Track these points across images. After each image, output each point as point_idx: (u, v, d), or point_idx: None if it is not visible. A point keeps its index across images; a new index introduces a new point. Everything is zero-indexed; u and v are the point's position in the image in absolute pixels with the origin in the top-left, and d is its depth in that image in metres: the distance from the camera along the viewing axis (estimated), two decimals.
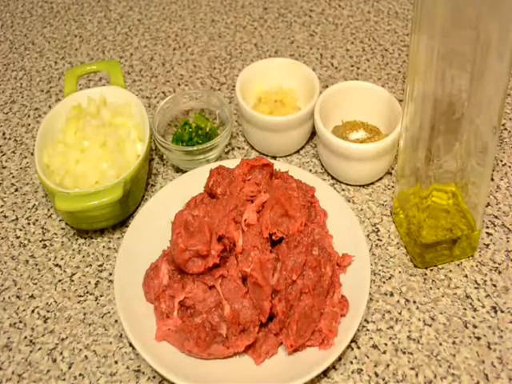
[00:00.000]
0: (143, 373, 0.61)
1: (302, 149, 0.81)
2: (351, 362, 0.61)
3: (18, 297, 0.68)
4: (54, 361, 0.63)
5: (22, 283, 0.69)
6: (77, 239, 0.73)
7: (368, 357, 0.62)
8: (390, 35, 0.97)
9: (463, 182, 0.63)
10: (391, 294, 0.66)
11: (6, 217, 0.76)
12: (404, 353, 0.62)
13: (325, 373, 0.60)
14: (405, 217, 0.68)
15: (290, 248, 0.61)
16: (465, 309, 0.65)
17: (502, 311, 0.64)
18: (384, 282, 0.67)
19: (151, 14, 1.04)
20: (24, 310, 0.67)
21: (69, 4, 1.08)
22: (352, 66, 0.92)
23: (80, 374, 0.62)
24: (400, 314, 0.64)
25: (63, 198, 0.66)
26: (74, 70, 0.81)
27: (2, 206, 0.77)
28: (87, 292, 0.68)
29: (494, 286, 0.66)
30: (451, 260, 0.68)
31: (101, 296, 0.68)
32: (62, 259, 0.71)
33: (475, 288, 0.66)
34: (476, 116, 0.57)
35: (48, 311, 0.67)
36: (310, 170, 0.78)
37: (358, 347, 0.62)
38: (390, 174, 0.77)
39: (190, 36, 0.99)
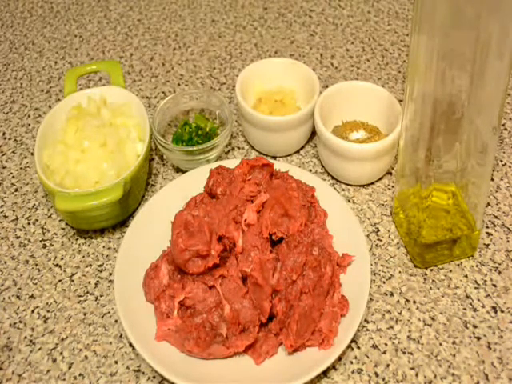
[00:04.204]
0: (143, 373, 0.61)
1: (302, 149, 0.81)
2: (351, 362, 0.61)
3: (18, 297, 0.68)
4: (54, 361, 0.63)
5: (21, 283, 0.69)
6: (77, 239, 0.73)
7: (368, 357, 0.62)
8: (390, 35, 0.97)
9: (463, 181, 0.63)
10: (391, 294, 0.66)
11: (6, 217, 0.76)
12: (404, 353, 0.62)
13: (325, 373, 0.60)
14: (405, 217, 0.68)
15: (290, 248, 0.61)
16: (465, 309, 0.65)
17: (502, 311, 0.64)
18: (384, 282, 0.67)
19: (151, 14, 1.04)
20: (24, 310, 0.67)
21: (69, 4, 1.08)
22: (352, 66, 0.92)
23: (80, 374, 0.62)
24: (400, 313, 0.64)
25: (63, 198, 0.66)
26: (74, 70, 0.81)
27: (1, 205, 0.77)
28: (87, 292, 0.68)
29: (494, 286, 0.66)
30: (451, 260, 0.68)
31: (101, 296, 0.68)
32: (62, 259, 0.71)
33: (475, 288, 0.66)
34: (476, 116, 0.57)
35: (48, 311, 0.67)
36: (310, 170, 0.78)
37: (358, 347, 0.62)
38: (390, 174, 0.77)
39: (190, 36, 0.99)
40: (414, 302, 0.65)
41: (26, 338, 0.65)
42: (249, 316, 0.59)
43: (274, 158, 0.80)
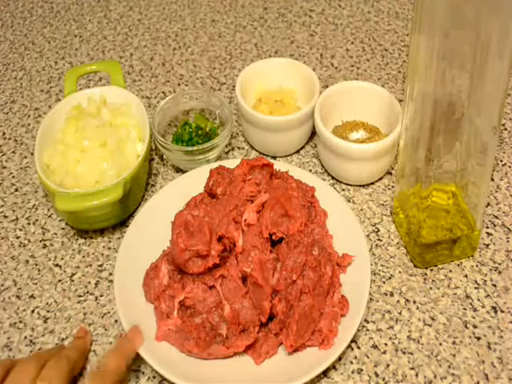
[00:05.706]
0: (143, 373, 0.61)
1: (302, 149, 0.81)
2: (351, 362, 0.61)
3: (18, 297, 0.68)
4: None
5: (22, 283, 0.69)
6: (77, 239, 0.73)
7: (368, 357, 0.61)
8: (390, 35, 0.97)
9: (463, 181, 0.63)
10: (391, 294, 0.66)
11: (6, 217, 0.76)
12: (404, 353, 0.62)
13: (325, 373, 0.60)
14: (405, 217, 0.68)
15: (290, 248, 0.61)
16: (465, 309, 0.65)
17: (502, 311, 0.64)
18: (384, 282, 0.67)
19: (151, 14, 1.04)
20: (24, 310, 0.67)
21: (69, 4, 1.08)
22: (352, 65, 0.92)
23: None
24: (400, 313, 0.64)
25: (63, 198, 0.66)
26: (74, 70, 0.81)
27: (1, 205, 0.77)
28: (87, 292, 0.68)
29: (494, 286, 0.66)
30: (451, 260, 0.68)
31: (101, 296, 0.68)
32: (62, 259, 0.71)
33: (475, 288, 0.66)
34: (476, 116, 0.57)
35: (48, 311, 0.67)
36: (310, 170, 0.78)
37: (358, 347, 0.62)
38: (390, 174, 0.77)
39: (190, 36, 0.99)
40: (414, 302, 0.65)
41: (26, 338, 0.65)
42: (249, 316, 0.59)
43: (274, 158, 0.80)
